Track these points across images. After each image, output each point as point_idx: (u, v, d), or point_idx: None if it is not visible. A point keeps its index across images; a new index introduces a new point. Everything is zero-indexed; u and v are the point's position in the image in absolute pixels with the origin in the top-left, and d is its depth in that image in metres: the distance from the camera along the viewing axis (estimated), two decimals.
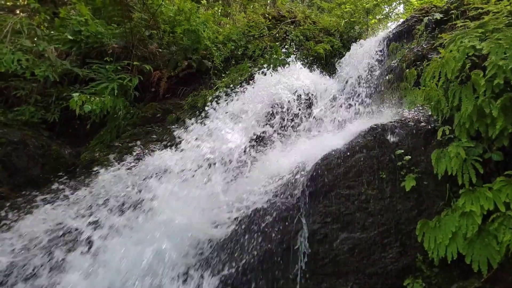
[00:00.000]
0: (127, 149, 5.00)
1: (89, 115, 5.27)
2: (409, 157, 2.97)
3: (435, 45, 4.08)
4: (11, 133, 4.83)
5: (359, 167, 3.04)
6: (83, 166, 4.96)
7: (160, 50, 6.51)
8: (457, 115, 2.79)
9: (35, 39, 5.80)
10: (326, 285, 2.66)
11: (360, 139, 3.25)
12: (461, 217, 2.52)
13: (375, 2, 7.26)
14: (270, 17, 7.46)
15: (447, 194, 2.76)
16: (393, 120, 3.42)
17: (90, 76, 5.78)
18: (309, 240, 2.78)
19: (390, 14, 8.35)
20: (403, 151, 3.02)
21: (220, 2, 9.32)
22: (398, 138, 3.15)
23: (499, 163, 2.66)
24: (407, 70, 4.12)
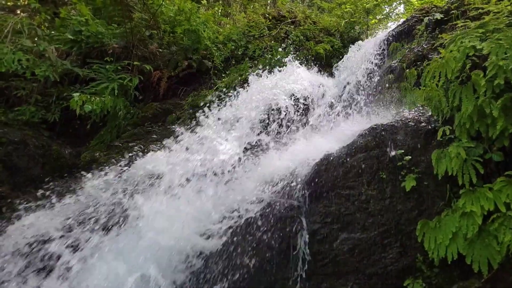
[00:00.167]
0: (127, 149, 5.00)
1: (89, 115, 5.28)
2: (409, 157, 2.97)
3: (435, 45, 4.08)
4: (11, 133, 4.83)
5: (359, 167, 3.04)
6: (80, 166, 4.90)
7: (160, 50, 6.51)
8: (457, 115, 2.79)
9: (36, 39, 5.80)
10: (326, 285, 2.66)
11: (360, 139, 3.25)
12: (461, 218, 2.52)
13: (375, 2, 7.26)
14: (270, 17, 7.46)
15: (448, 194, 2.75)
16: (393, 120, 3.42)
17: (90, 76, 5.78)
18: (309, 240, 2.78)
19: (390, 14, 8.36)
20: (403, 151, 3.02)
21: (220, 2, 9.32)
22: (398, 141, 3.13)
23: (500, 164, 2.66)
24: (407, 70, 4.12)
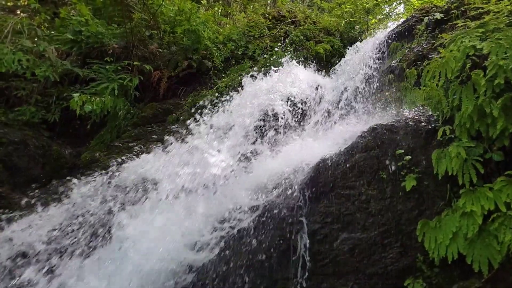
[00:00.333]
0: (127, 149, 5.00)
1: (89, 115, 5.27)
2: (410, 157, 2.96)
3: (435, 45, 4.08)
4: (11, 133, 4.83)
5: (359, 167, 3.04)
6: (81, 166, 4.89)
7: (160, 50, 6.51)
8: (457, 115, 2.79)
9: (36, 39, 5.80)
10: (326, 285, 2.66)
11: (360, 140, 3.25)
12: (461, 217, 2.52)
13: (375, 2, 7.25)
14: (270, 17, 7.45)
15: (448, 194, 2.75)
16: (393, 120, 3.41)
17: (90, 76, 5.78)
18: (309, 240, 2.77)
19: (390, 14, 8.35)
20: (404, 151, 3.02)
21: (220, 2, 9.32)
22: (398, 140, 3.12)
23: (500, 163, 2.66)
24: (407, 70, 4.11)
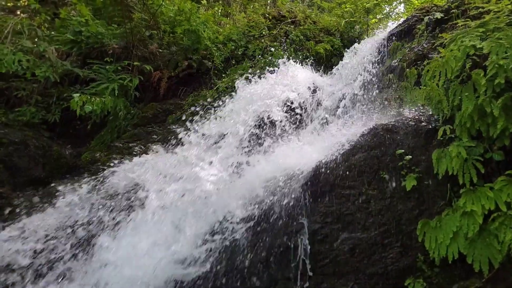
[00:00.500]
0: (128, 149, 5.01)
1: (89, 115, 5.27)
2: (410, 156, 2.96)
3: (435, 45, 4.07)
4: (12, 134, 4.83)
5: (359, 167, 3.04)
6: (81, 167, 4.88)
7: (160, 50, 6.50)
8: (458, 115, 2.79)
9: (36, 40, 5.79)
10: (326, 285, 2.66)
11: (360, 139, 3.25)
12: (462, 217, 2.52)
13: (375, 1, 7.23)
14: (270, 17, 7.45)
15: (448, 193, 2.75)
16: (393, 120, 3.41)
17: (90, 76, 5.78)
18: (309, 240, 2.77)
19: (390, 13, 8.35)
20: (404, 150, 3.02)
21: (220, 2, 9.32)
22: (399, 140, 3.12)
23: (500, 163, 2.66)
24: (408, 69, 4.11)
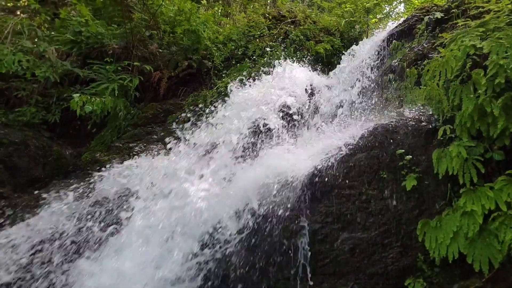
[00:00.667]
0: (128, 149, 5.01)
1: (89, 115, 5.27)
2: (410, 156, 2.96)
3: (436, 44, 4.07)
4: (12, 134, 4.83)
5: (359, 167, 3.04)
6: (81, 167, 4.86)
7: (160, 50, 6.50)
8: (458, 115, 2.78)
9: (36, 40, 5.79)
10: (326, 285, 2.66)
11: (360, 139, 3.25)
12: (462, 217, 2.52)
13: (375, 1, 7.23)
14: (270, 17, 7.44)
15: (448, 193, 2.75)
16: (393, 120, 3.41)
17: (90, 76, 5.78)
18: (309, 240, 2.78)
19: (390, 13, 8.34)
20: (404, 150, 3.02)
21: (220, 2, 9.32)
22: (399, 140, 3.12)
23: (500, 163, 2.66)
24: (408, 69, 4.11)
